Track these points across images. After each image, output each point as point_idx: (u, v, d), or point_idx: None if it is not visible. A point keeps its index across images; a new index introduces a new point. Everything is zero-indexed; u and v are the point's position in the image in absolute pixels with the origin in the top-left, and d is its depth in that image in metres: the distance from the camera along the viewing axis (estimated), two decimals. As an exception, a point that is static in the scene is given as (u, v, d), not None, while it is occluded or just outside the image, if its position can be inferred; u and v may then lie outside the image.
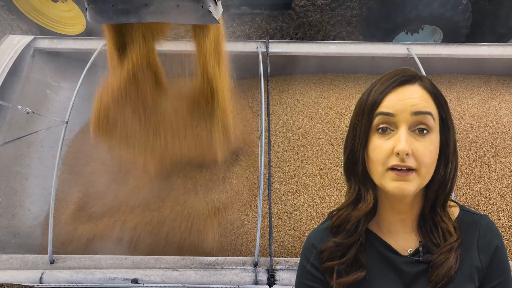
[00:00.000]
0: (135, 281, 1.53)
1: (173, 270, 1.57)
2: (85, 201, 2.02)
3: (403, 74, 0.74)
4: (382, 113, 0.72)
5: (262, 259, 1.60)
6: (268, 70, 2.19)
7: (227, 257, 1.61)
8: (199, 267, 1.58)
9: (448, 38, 3.28)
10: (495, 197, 1.91)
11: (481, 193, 1.93)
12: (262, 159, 1.72)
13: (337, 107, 2.27)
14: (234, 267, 1.58)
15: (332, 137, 2.15)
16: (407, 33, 3.46)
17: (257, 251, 1.58)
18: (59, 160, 1.74)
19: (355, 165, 0.78)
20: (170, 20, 1.37)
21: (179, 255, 1.65)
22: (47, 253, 1.60)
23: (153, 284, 1.55)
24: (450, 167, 0.75)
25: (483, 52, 2.27)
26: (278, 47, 2.26)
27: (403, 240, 0.80)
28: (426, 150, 0.70)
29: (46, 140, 2.18)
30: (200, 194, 1.99)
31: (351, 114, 0.80)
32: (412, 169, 0.69)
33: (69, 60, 2.36)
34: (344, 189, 1.96)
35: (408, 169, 0.69)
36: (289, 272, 1.56)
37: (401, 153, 0.68)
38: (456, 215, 0.81)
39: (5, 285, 1.63)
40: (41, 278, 1.55)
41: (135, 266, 1.59)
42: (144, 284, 1.55)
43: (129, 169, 2.06)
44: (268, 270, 1.56)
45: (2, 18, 3.72)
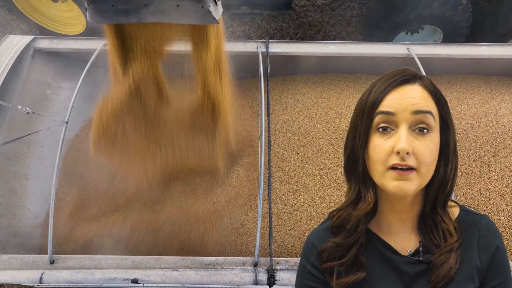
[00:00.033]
0: (135, 281, 1.53)
1: (173, 270, 1.57)
2: (85, 201, 2.02)
3: (403, 73, 0.74)
4: (382, 112, 0.72)
5: (262, 259, 1.60)
6: (268, 70, 2.19)
7: (227, 257, 1.61)
8: (199, 267, 1.58)
9: (448, 38, 3.28)
10: (495, 197, 1.91)
11: (481, 193, 1.93)
12: (262, 159, 1.72)
13: (337, 107, 2.27)
14: (234, 267, 1.58)
15: (332, 137, 2.15)
16: (407, 33, 3.46)
17: (257, 251, 1.58)
18: (59, 160, 1.74)
19: (356, 165, 0.78)
20: (170, 20, 1.37)
21: (179, 256, 1.65)
22: (47, 253, 1.60)
23: (153, 284, 1.55)
24: (450, 167, 0.75)
25: (483, 52, 2.27)
26: (278, 47, 2.26)
27: (403, 240, 0.80)
28: (427, 149, 0.69)
29: (46, 140, 2.17)
30: (200, 194, 1.99)
31: (351, 114, 0.80)
32: (412, 169, 0.69)
33: (69, 60, 2.36)
34: (344, 189, 1.96)
35: (409, 169, 0.69)
36: (289, 272, 1.56)
37: (402, 152, 0.68)
38: (456, 215, 0.81)
39: (5, 285, 1.63)
40: (41, 278, 1.55)
41: (135, 266, 1.59)
42: (144, 284, 1.55)
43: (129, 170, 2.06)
44: (268, 270, 1.56)
45: (2, 18, 3.72)
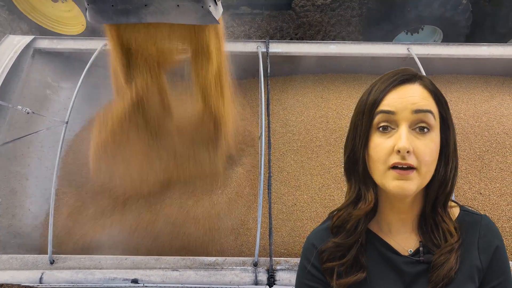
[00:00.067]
0: (135, 281, 1.53)
1: (173, 270, 1.57)
2: (85, 202, 2.02)
3: (404, 73, 0.74)
4: (382, 111, 0.72)
5: (262, 259, 1.60)
6: (268, 70, 2.19)
7: (227, 257, 1.61)
8: (199, 267, 1.58)
9: (448, 38, 3.28)
10: (495, 197, 1.91)
11: (481, 193, 1.93)
12: (262, 159, 1.72)
13: (337, 107, 2.27)
14: (234, 267, 1.58)
15: (332, 137, 2.15)
16: (407, 33, 3.46)
17: (257, 251, 1.57)
18: (59, 160, 1.74)
19: (356, 165, 0.78)
20: (170, 20, 1.37)
21: (179, 256, 1.65)
22: (47, 253, 1.60)
23: (153, 284, 1.55)
24: (450, 167, 0.75)
25: (483, 52, 2.27)
26: (278, 47, 2.26)
27: (404, 240, 0.80)
28: (427, 148, 0.69)
29: (46, 140, 2.17)
30: (200, 194, 1.99)
31: (351, 114, 0.80)
32: (412, 168, 0.69)
33: (69, 60, 2.36)
34: (344, 189, 1.96)
35: (409, 168, 0.69)
36: (289, 272, 1.56)
37: (402, 151, 0.68)
38: (457, 215, 0.81)
39: (5, 285, 1.63)
40: (41, 278, 1.55)
41: (135, 266, 1.58)
42: (144, 284, 1.55)
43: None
44: (268, 271, 1.56)
45: (2, 18, 3.72)
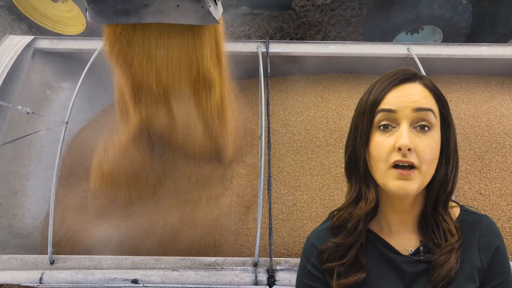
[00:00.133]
0: (135, 281, 1.53)
1: (173, 270, 1.57)
2: (86, 202, 2.02)
3: (404, 72, 0.74)
4: (383, 110, 0.72)
5: (262, 259, 1.60)
6: (268, 70, 2.19)
7: (227, 258, 1.61)
8: (199, 267, 1.58)
9: (448, 38, 3.28)
10: (495, 197, 1.91)
11: (481, 194, 1.93)
12: (262, 159, 1.72)
13: (337, 108, 2.27)
14: (234, 267, 1.58)
15: (332, 138, 2.15)
16: (407, 33, 3.46)
17: (257, 252, 1.57)
18: (59, 160, 1.74)
19: (357, 165, 0.78)
20: (170, 20, 1.37)
21: (179, 256, 1.65)
22: (47, 254, 1.60)
23: (153, 285, 1.55)
24: (451, 166, 0.75)
25: (483, 52, 2.27)
26: (278, 47, 2.26)
27: (404, 240, 0.80)
28: (428, 147, 0.70)
29: (46, 140, 2.17)
30: (200, 194, 1.99)
31: (351, 114, 0.80)
32: (413, 167, 0.69)
33: (69, 60, 2.35)
34: (344, 190, 1.96)
35: (410, 167, 0.69)
36: (289, 273, 1.56)
37: (403, 148, 0.68)
38: (457, 215, 0.81)
39: (5, 285, 1.63)
40: (41, 278, 1.55)
41: (135, 267, 1.58)
42: (144, 285, 1.55)
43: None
44: (268, 271, 1.56)
45: (2, 18, 3.72)
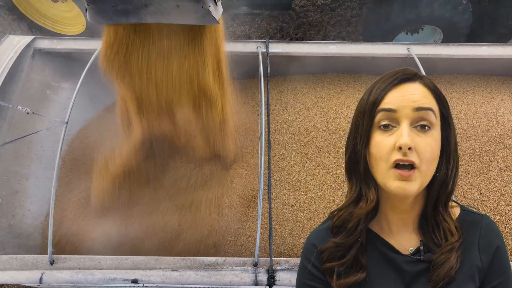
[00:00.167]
0: (135, 281, 1.53)
1: (173, 270, 1.56)
2: (86, 202, 2.02)
3: (404, 72, 0.75)
4: (384, 110, 0.72)
5: (262, 259, 1.60)
6: (268, 70, 2.19)
7: (227, 258, 1.61)
8: (199, 267, 1.58)
9: (448, 38, 3.28)
10: (495, 197, 1.91)
11: (481, 194, 1.93)
12: (262, 160, 1.72)
13: (337, 108, 2.27)
14: (234, 267, 1.58)
15: (332, 138, 2.15)
16: (407, 33, 3.46)
17: (257, 252, 1.57)
18: (59, 160, 1.74)
19: (357, 165, 0.78)
20: (170, 20, 1.37)
21: (179, 256, 1.65)
22: (47, 254, 1.60)
23: (153, 285, 1.55)
24: (451, 166, 0.75)
25: (483, 52, 2.27)
26: (278, 47, 2.26)
27: (404, 240, 0.80)
28: (428, 146, 0.70)
29: (46, 140, 2.17)
30: (200, 195, 1.99)
31: (351, 114, 0.80)
32: (413, 167, 0.69)
33: (69, 60, 2.35)
34: (344, 190, 1.96)
35: (411, 167, 0.69)
36: (289, 273, 1.56)
37: (404, 147, 0.68)
38: (457, 215, 0.81)
39: (5, 285, 1.63)
40: (41, 278, 1.55)
41: (135, 267, 1.58)
42: (144, 285, 1.55)
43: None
44: (268, 271, 1.56)
45: (2, 18, 3.72)
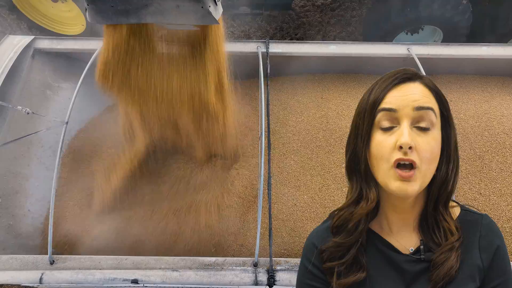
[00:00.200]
0: (135, 281, 1.53)
1: (173, 270, 1.56)
2: (86, 202, 2.02)
3: (404, 72, 0.75)
4: (384, 109, 0.72)
5: (262, 259, 1.60)
6: (268, 71, 2.19)
7: (227, 258, 1.61)
8: (199, 267, 1.58)
9: (448, 38, 3.28)
10: (495, 197, 1.91)
11: (481, 194, 1.93)
12: (262, 160, 1.72)
13: (337, 107, 2.27)
14: (234, 267, 1.58)
15: (332, 138, 2.15)
16: (407, 33, 3.46)
17: (257, 252, 1.57)
18: (59, 160, 1.74)
19: (358, 165, 0.78)
20: (170, 20, 1.37)
21: (179, 256, 1.65)
22: (47, 254, 1.60)
23: (153, 285, 1.55)
24: (451, 165, 0.75)
25: (483, 52, 2.27)
26: (278, 48, 2.26)
27: (405, 239, 0.80)
28: (428, 145, 0.70)
29: (46, 140, 2.17)
30: (201, 194, 1.99)
31: (351, 114, 0.80)
32: (413, 167, 0.69)
33: (69, 60, 2.36)
34: (344, 190, 1.96)
35: (411, 166, 0.69)
36: (289, 273, 1.56)
37: (404, 146, 0.68)
38: (457, 214, 0.81)
39: (5, 285, 1.63)
40: (41, 278, 1.55)
41: (135, 267, 1.58)
42: (144, 285, 1.55)
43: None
44: (268, 271, 1.56)
45: (2, 18, 3.72)
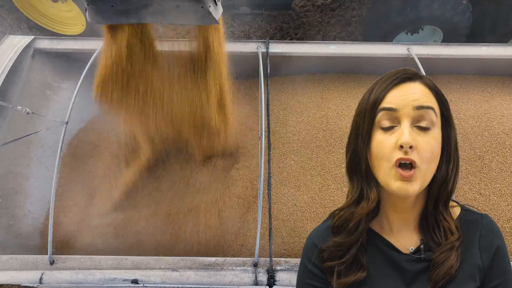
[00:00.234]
0: (135, 281, 1.53)
1: (173, 270, 1.56)
2: (86, 202, 2.02)
3: (404, 72, 0.75)
4: (384, 109, 0.72)
5: (262, 259, 1.60)
6: (268, 71, 2.19)
7: (227, 258, 1.61)
8: (199, 267, 1.58)
9: (448, 38, 3.28)
10: (495, 197, 1.91)
11: (481, 194, 1.93)
12: (262, 160, 1.72)
13: (337, 107, 2.27)
14: (234, 267, 1.58)
15: (332, 138, 2.15)
16: (407, 33, 3.46)
17: (257, 252, 1.57)
18: (59, 160, 1.74)
19: (358, 165, 0.78)
20: (170, 20, 1.37)
21: (179, 256, 1.65)
22: (47, 254, 1.60)
23: (153, 285, 1.55)
24: (452, 165, 0.75)
25: (483, 52, 2.27)
26: (278, 48, 2.26)
27: (405, 239, 0.80)
28: (428, 145, 0.70)
29: (46, 140, 2.17)
30: (200, 195, 1.99)
31: (351, 114, 0.80)
32: (413, 167, 0.69)
33: (69, 60, 2.36)
34: (344, 190, 1.96)
35: (411, 166, 0.69)
36: (289, 273, 1.56)
37: (405, 146, 0.68)
38: (458, 214, 0.81)
39: (5, 285, 1.63)
40: (41, 278, 1.55)
41: (135, 267, 1.58)
42: (144, 285, 1.55)
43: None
44: (268, 271, 1.56)
45: (2, 18, 3.72)
